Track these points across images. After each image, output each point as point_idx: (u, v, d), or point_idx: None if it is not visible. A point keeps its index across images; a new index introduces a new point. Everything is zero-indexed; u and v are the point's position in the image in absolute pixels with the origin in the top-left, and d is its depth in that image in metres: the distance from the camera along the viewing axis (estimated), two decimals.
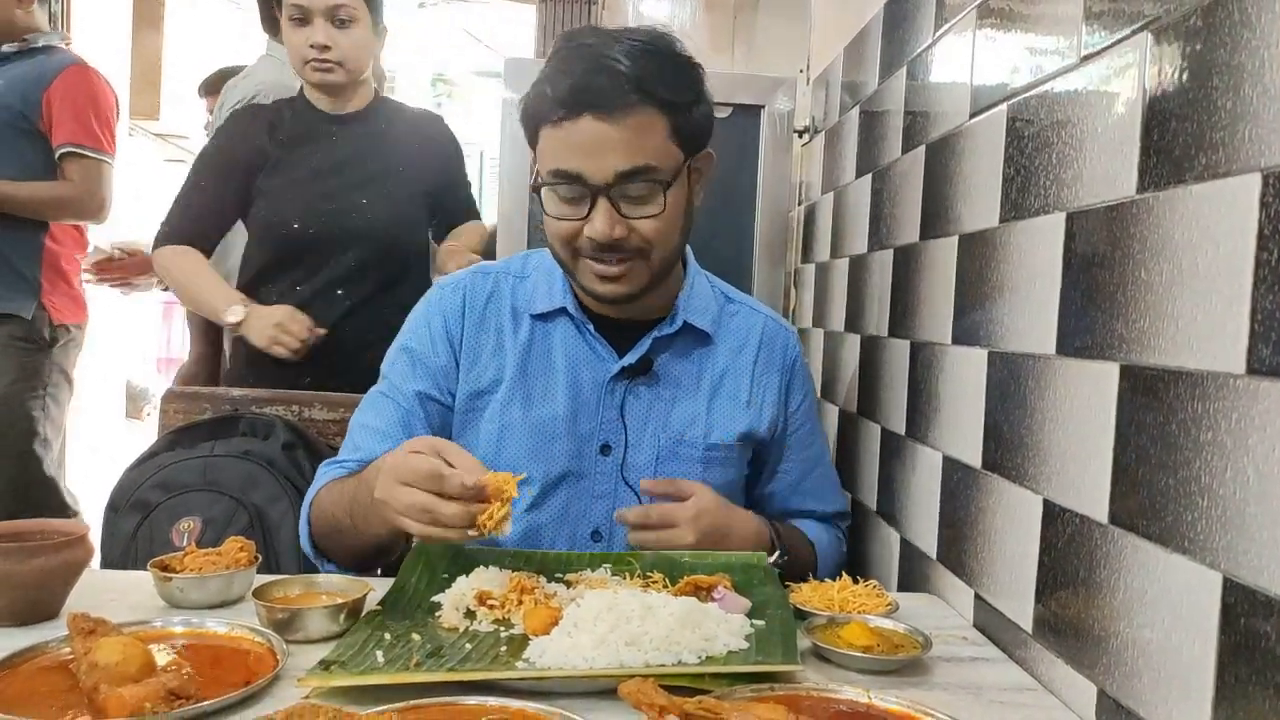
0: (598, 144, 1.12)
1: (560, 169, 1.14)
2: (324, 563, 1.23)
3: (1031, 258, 1.02)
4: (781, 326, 1.39)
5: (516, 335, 1.28)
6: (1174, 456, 0.76)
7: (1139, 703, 0.79)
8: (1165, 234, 0.78)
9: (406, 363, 1.29)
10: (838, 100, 1.92)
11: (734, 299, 1.39)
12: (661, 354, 1.29)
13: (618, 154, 1.12)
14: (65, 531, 1.02)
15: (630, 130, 1.12)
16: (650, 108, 1.13)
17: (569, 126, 1.12)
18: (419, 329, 1.31)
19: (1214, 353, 0.71)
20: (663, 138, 1.15)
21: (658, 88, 1.13)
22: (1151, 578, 0.78)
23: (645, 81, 1.12)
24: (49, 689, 0.80)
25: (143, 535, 1.55)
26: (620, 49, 1.13)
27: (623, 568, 1.14)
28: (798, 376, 1.39)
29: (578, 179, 1.13)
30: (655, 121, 1.14)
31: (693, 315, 1.30)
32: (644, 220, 1.15)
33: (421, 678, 0.82)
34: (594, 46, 1.14)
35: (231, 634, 0.93)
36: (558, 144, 1.14)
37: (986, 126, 1.16)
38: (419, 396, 1.27)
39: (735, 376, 1.32)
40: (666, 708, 0.71)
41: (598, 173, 1.12)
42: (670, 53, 1.18)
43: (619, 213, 1.14)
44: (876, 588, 1.11)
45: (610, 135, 1.11)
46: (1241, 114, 0.70)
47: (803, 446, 1.39)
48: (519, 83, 1.84)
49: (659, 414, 1.28)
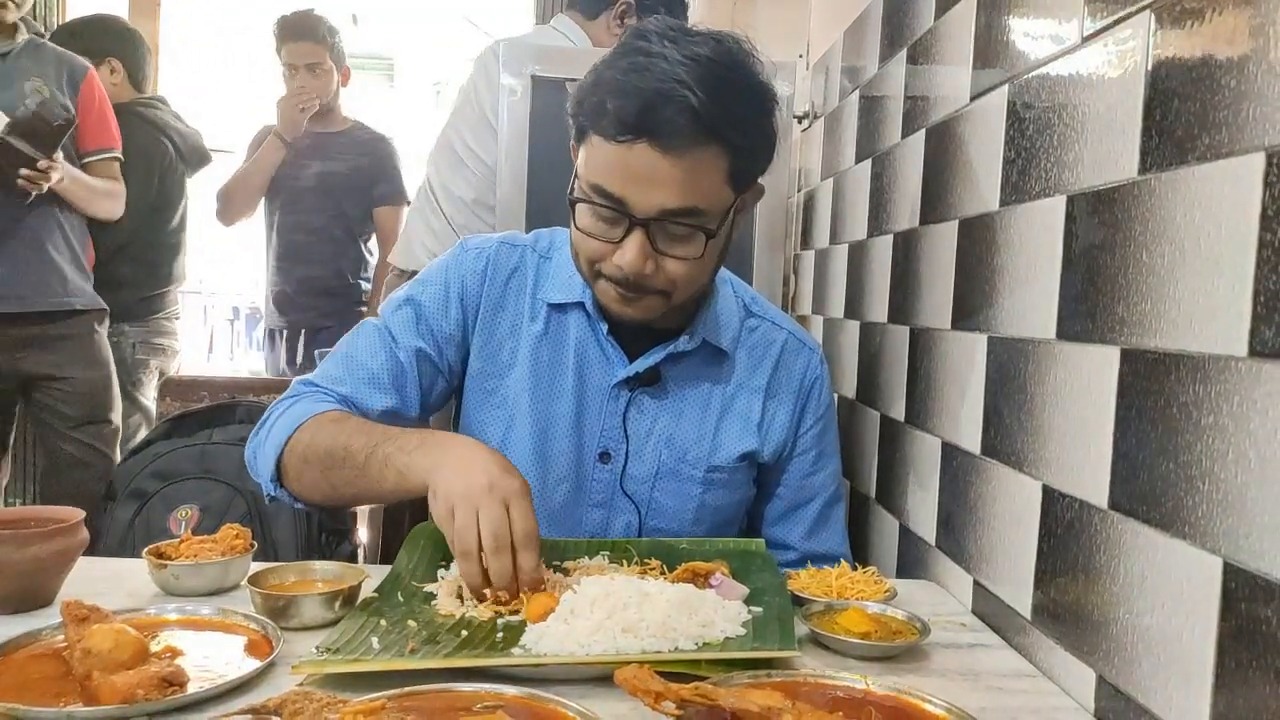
0: (650, 176, 1.03)
1: (603, 188, 1.06)
2: (277, 486, 1.15)
3: (1032, 241, 1.02)
4: (804, 345, 1.31)
5: (533, 321, 1.24)
6: (1175, 441, 0.75)
7: (1138, 689, 0.79)
8: (1167, 215, 0.77)
9: (411, 316, 1.23)
10: (837, 85, 1.90)
11: (755, 311, 1.31)
12: (673, 367, 1.23)
13: (668, 190, 1.04)
14: (60, 519, 1.01)
15: (687, 169, 1.03)
16: (715, 147, 1.04)
17: (623, 148, 1.03)
18: (432, 284, 1.24)
19: (1216, 335, 0.71)
20: (720, 180, 1.07)
21: (727, 129, 1.04)
22: (1151, 563, 0.78)
23: (716, 120, 1.02)
24: (42, 676, 0.80)
25: (140, 523, 1.55)
26: (696, 73, 1.01)
27: (620, 555, 1.13)
28: (814, 400, 1.30)
29: (619, 203, 1.06)
30: (716, 162, 1.05)
31: (712, 333, 1.23)
32: (677, 262, 1.08)
33: (417, 664, 0.82)
34: (667, 64, 1.02)
35: (227, 621, 0.93)
36: (606, 162, 1.05)
37: (987, 109, 1.15)
38: (417, 354, 1.21)
39: (748, 395, 1.26)
40: (663, 694, 0.71)
41: (642, 203, 1.05)
42: (747, 84, 1.07)
43: (654, 247, 1.07)
44: (875, 574, 1.11)
45: (665, 169, 1.03)
46: (1245, 93, 0.69)
47: (802, 474, 1.30)
48: (518, 67, 1.84)
49: (663, 429, 1.23)
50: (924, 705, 0.78)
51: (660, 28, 1.07)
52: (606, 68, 1.07)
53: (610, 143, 1.04)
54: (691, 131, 1.01)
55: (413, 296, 1.24)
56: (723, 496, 1.25)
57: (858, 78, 1.74)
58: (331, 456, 1.09)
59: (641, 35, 1.07)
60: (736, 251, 1.89)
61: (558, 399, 1.23)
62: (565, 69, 1.83)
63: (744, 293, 1.33)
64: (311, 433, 1.12)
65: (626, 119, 1.01)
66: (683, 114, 1.01)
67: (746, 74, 1.07)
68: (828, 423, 1.32)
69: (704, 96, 1.01)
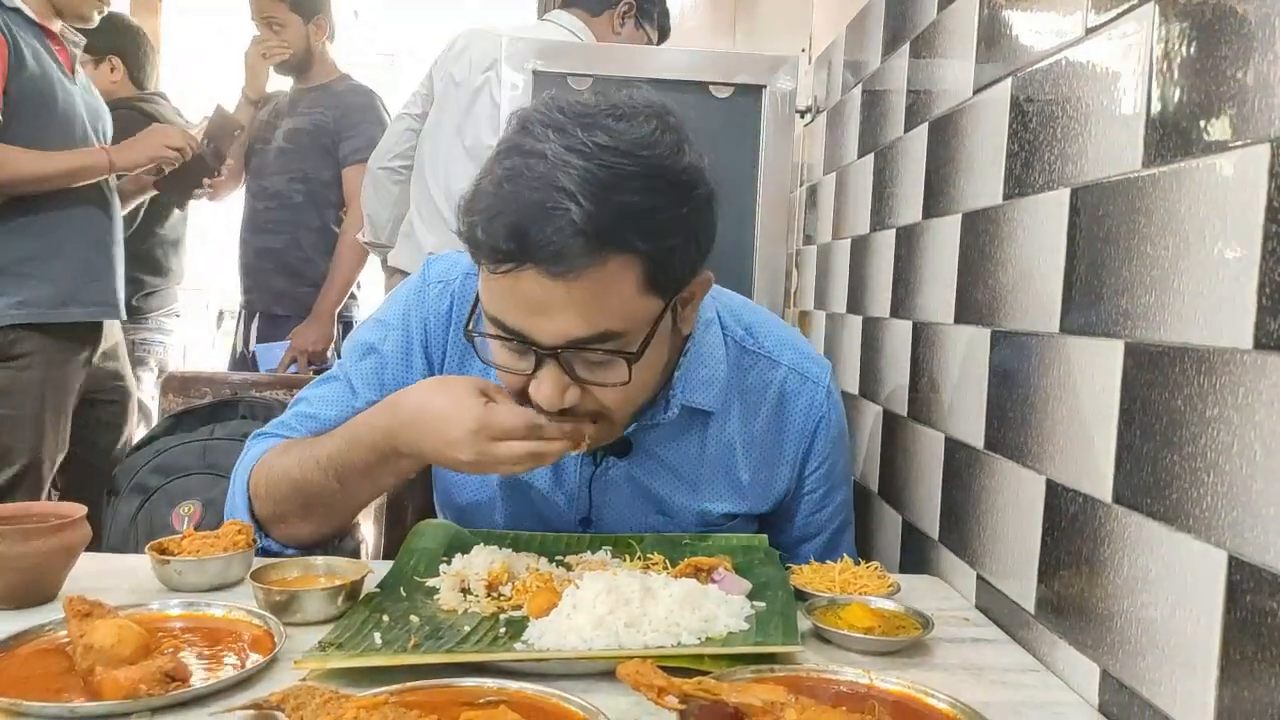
0: (544, 304, 0.90)
1: (500, 320, 0.94)
2: (263, 536, 1.13)
3: (1035, 234, 1.01)
4: (805, 380, 1.18)
5: None
6: (1179, 434, 0.75)
7: (1142, 682, 0.78)
8: (1171, 208, 0.77)
9: (373, 367, 1.16)
10: (840, 79, 1.90)
11: (750, 348, 1.17)
12: (649, 434, 1.13)
13: (568, 317, 0.90)
14: (62, 514, 1.01)
15: (586, 290, 0.89)
16: (617, 258, 0.89)
17: (510, 279, 0.89)
18: (393, 329, 1.16)
19: (1221, 327, 0.70)
20: (632, 292, 0.92)
21: (627, 234, 0.88)
22: (1155, 556, 0.78)
23: (610, 229, 0.87)
24: (45, 671, 0.80)
25: (142, 519, 1.55)
26: (580, 175, 0.86)
27: (623, 550, 1.13)
28: (820, 439, 1.18)
29: (521, 337, 0.94)
30: (623, 274, 0.90)
31: (691, 394, 1.11)
32: (604, 389, 0.96)
33: (419, 659, 0.81)
34: (545, 167, 0.87)
35: (229, 616, 0.93)
36: (496, 294, 0.93)
37: (990, 102, 1.14)
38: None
39: (737, 454, 1.16)
40: (666, 688, 0.71)
41: (545, 335, 0.92)
42: (652, 173, 0.89)
43: (573, 376, 0.95)
44: (878, 569, 1.10)
45: (560, 296, 0.88)
46: (1251, 84, 0.68)
47: (809, 511, 1.23)
48: (520, 62, 1.83)
49: (638, 495, 1.17)
50: (928, 700, 0.77)
51: (547, 113, 0.91)
52: (484, 175, 0.93)
53: (495, 275, 0.91)
54: (580, 250, 0.86)
55: (374, 346, 1.16)
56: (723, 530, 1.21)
57: (860, 71, 1.74)
58: (306, 494, 1.09)
59: (524, 126, 0.92)
60: (738, 248, 1.90)
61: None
62: (567, 64, 1.83)
63: (734, 327, 1.18)
64: (269, 479, 1.11)
65: (501, 246, 0.88)
66: (564, 231, 0.86)
67: (652, 160, 0.90)
68: (837, 457, 1.23)
69: (589, 206, 0.85)
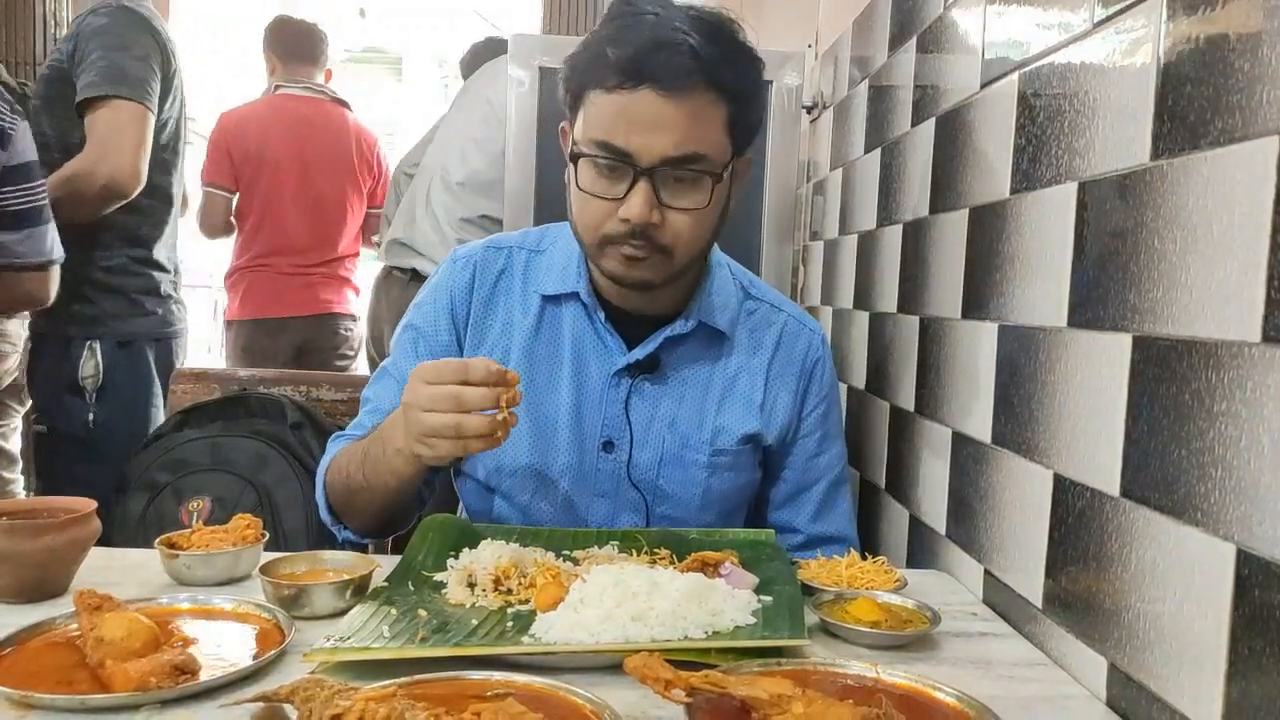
0: (653, 121, 1.05)
1: (606, 141, 1.07)
2: (340, 529, 1.24)
3: (1043, 229, 1.01)
4: (804, 326, 1.31)
5: (525, 316, 1.24)
6: (1187, 428, 0.75)
7: (1150, 676, 0.78)
8: (1179, 201, 0.77)
9: (409, 341, 1.27)
10: (846, 74, 1.89)
11: (754, 294, 1.31)
12: (672, 352, 1.23)
13: (672, 136, 1.05)
14: (72, 509, 1.02)
15: (689, 113, 1.05)
16: (714, 92, 1.06)
17: (625, 97, 1.05)
18: (425, 305, 1.28)
19: (1229, 321, 0.70)
20: (719, 127, 1.09)
21: (724, 73, 1.06)
22: (1163, 550, 0.77)
23: (713, 64, 1.05)
24: (56, 665, 0.81)
25: (151, 515, 1.55)
26: (690, 22, 1.05)
27: (630, 544, 1.13)
28: (816, 381, 1.30)
29: (623, 155, 1.06)
30: (716, 108, 1.08)
31: (709, 314, 1.23)
32: (681, 213, 1.09)
33: (427, 653, 0.82)
34: (661, 17, 1.06)
35: (238, 610, 0.93)
36: (608, 113, 1.07)
37: (997, 97, 1.14)
38: None
39: (749, 377, 1.26)
40: (673, 682, 0.71)
41: (646, 152, 1.06)
42: (738, 39, 1.11)
43: (659, 199, 1.08)
44: (885, 564, 1.10)
45: (668, 114, 1.04)
46: (1259, 76, 0.68)
47: (807, 455, 1.30)
48: (526, 59, 1.83)
49: (665, 415, 1.23)
50: (935, 694, 0.77)
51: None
52: (598, 31, 1.10)
53: (611, 94, 1.06)
54: (693, 72, 1.04)
55: (410, 322, 1.29)
56: (728, 480, 1.25)
57: (867, 67, 1.73)
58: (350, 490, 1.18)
59: (628, 2, 1.11)
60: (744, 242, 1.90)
61: (555, 391, 1.23)
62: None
63: (742, 275, 1.33)
64: (332, 478, 1.22)
65: (628, 65, 1.04)
66: (683, 55, 1.03)
67: (736, 29, 1.11)
68: (831, 404, 1.32)
69: (702, 39, 1.04)
